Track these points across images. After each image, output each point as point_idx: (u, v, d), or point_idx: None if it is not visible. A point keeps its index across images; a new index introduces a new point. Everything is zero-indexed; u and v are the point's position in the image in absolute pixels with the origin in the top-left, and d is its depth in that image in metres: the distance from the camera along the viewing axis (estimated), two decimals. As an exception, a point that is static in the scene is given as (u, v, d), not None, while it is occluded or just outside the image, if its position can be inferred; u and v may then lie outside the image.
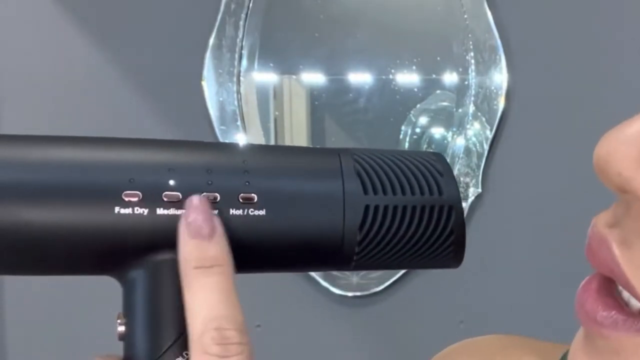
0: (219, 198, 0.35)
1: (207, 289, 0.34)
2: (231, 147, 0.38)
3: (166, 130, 1.39)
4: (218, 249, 0.35)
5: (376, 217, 0.37)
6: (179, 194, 0.35)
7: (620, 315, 0.32)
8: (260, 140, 1.32)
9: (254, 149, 0.38)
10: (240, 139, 1.32)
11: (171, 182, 0.35)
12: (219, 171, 0.36)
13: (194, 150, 0.36)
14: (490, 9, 1.10)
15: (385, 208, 0.37)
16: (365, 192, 0.37)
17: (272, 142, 1.33)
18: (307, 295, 1.28)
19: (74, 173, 0.34)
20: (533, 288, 1.11)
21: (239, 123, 1.32)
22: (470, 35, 1.12)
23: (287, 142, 1.33)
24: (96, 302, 1.28)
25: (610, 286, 0.33)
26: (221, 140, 1.32)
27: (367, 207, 0.37)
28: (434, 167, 0.38)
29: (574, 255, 1.11)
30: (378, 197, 0.37)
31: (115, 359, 0.36)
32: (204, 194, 0.35)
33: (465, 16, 1.12)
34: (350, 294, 1.25)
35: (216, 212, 0.35)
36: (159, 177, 0.35)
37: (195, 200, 0.35)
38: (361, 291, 1.24)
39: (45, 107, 1.52)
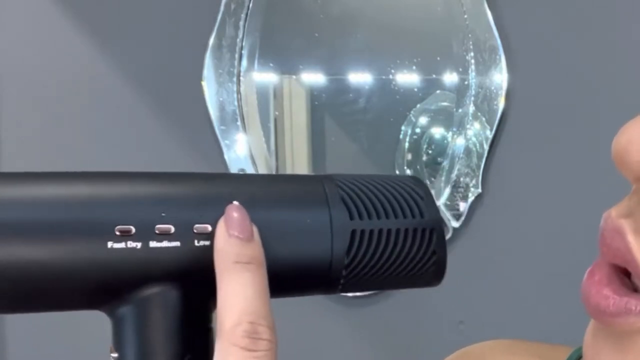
0: (210, 229, 0.36)
1: (244, 284, 0.35)
2: (220, 178, 0.39)
3: (166, 131, 1.40)
4: (256, 250, 0.36)
5: (362, 241, 0.38)
6: (171, 226, 0.35)
7: (629, 299, 0.32)
8: (260, 140, 1.32)
9: (242, 179, 0.40)
10: (240, 139, 1.32)
11: (163, 215, 0.35)
12: (210, 202, 0.37)
13: (185, 183, 0.37)
14: (490, 9, 1.10)
15: (371, 232, 0.38)
16: (351, 217, 0.38)
17: (272, 142, 1.33)
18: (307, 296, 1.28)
19: (67, 209, 0.34)
20: (533, 288, 1.11)
21: (239, 123, 1.32)
22: (470, 35, 1.12)
23: (287, 142, 1.33)
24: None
25: (614, 274, 0.34)
26: (221, 140, 1.32)
27: (353, 232, 0.38)
28: (414, 191, 0.40)
29: (574, 255, 1.11)
30: (364, 222, 0.38)
31: None
32: (196, 225, 0.36)
33: (465, 16, 1.12)
34: (350, 294, 1.25)
35: (208, 243, 0.36)
36: (151, 211, 0.35)
37: (235, 205, 0.36)
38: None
39: (45, 108, 1.52)
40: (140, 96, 1.42)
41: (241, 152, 1.31)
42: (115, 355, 0.36)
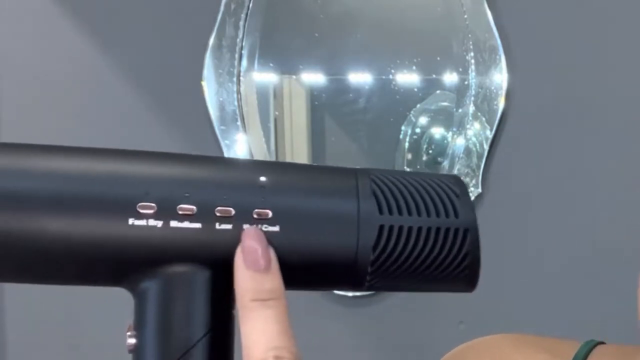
0: (233, 212, 0.35)
1: (265, 321, 0.35)
2: (248, 164, 0.38)
3: (166, 130, 1.39)
4: (274, 282, 0.35)
5: (390, 238, 0.36)
6: (193, 207, 0.35)
7: None
8: (260, 140, 1.32)
9: (272, 166, 0.38)
10: (240, 139, 1.32)
11: (186, 196, 0.35)
12: (235, 186, 0.36)
13: (211, 165, 0.37)
14: (490, 9, 1.10)
15: (400, 229, 0.37)
16: (381, 212, 0.37)
17: (272, 142, 1.33)
18: (307, 296, 1.27)
19: (91, 184, 0.34)
20: (533, 288, 1.11)
21: (239, 123, 1.32)
22: (470, 35, 1.12)
23: (287, 142, 1.33)
24: (96, 301, 1.28)
25: None
26: (221, 140, 1.32)
27: (381, 227, 0.36)
28: (450, 189, 0.38)
29: (574, 255, 1.10)
30: (393, 218, 0.37)
31: None
32: (219, 208, 0.35)
33: (465, 16, 1.12)
34: (350, 294, 1.25)
35: (230, 226, 0.35)
36: (175, 191, 0.35)
37: (251, 231, 0.35)
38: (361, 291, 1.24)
39: (45, 108, 1.52)
40: (140, 96, 1.41)
41: (241, 152, 1.31)
42: (131, 333, 0.35)
